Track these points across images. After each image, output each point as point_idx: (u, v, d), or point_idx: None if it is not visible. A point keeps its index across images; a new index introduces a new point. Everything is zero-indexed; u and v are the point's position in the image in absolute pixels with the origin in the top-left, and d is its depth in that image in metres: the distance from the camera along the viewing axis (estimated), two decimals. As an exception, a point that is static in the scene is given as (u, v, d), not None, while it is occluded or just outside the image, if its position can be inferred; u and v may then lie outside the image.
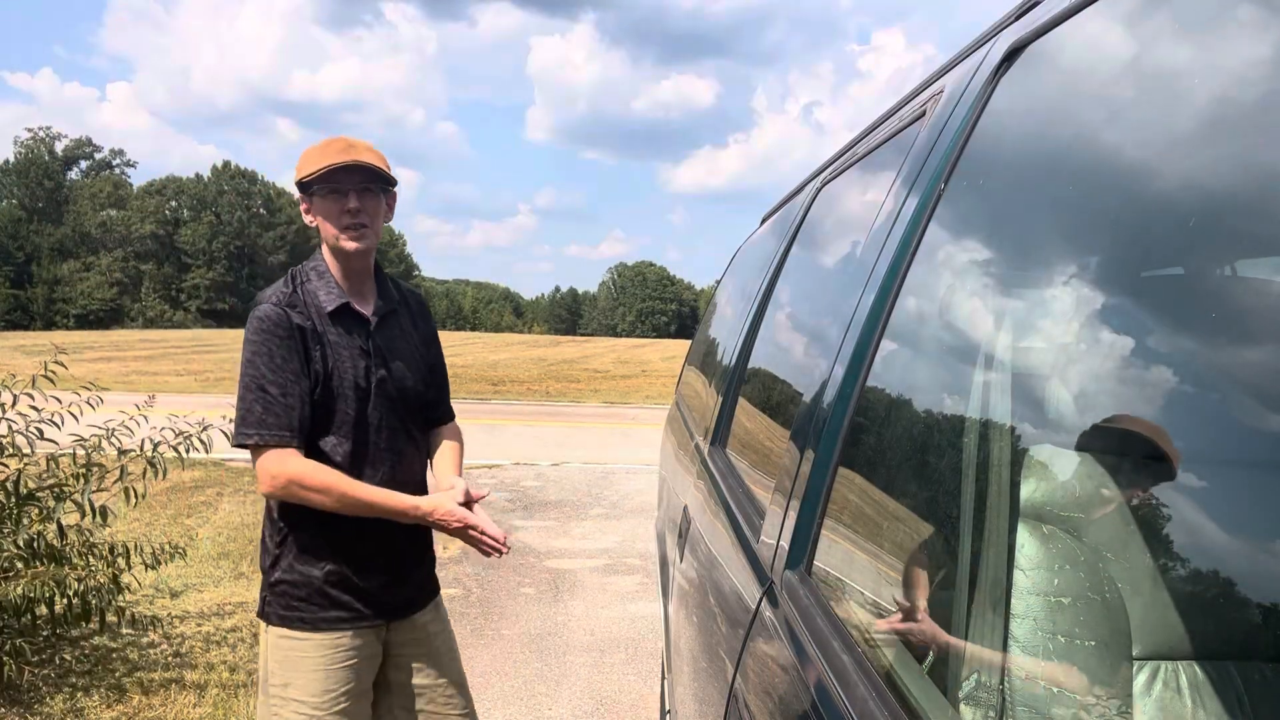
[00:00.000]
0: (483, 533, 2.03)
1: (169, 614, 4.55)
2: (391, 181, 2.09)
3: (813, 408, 1.35)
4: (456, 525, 2.01)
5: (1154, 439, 0.71)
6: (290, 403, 1.95)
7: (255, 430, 1.94)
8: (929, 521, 1.01)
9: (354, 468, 2.03)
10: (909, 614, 0.92)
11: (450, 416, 2.35)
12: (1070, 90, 0.98)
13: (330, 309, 2.03)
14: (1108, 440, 0.77)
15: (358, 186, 2.01)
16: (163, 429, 3.89)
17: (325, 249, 2.09)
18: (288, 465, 1.94)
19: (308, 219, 2.10)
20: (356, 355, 2.04)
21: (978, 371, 0.99)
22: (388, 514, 2.00)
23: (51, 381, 3.67)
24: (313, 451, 2.01)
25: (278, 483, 1.95)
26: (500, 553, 2.06)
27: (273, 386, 1.94)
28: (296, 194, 2.10)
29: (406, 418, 2.13)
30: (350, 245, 2.02)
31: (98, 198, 74.90)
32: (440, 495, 2.07)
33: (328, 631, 2.02)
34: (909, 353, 1.18)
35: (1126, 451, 0.74)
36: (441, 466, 2.22)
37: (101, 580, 3.65)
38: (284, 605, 2.04)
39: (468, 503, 2.07)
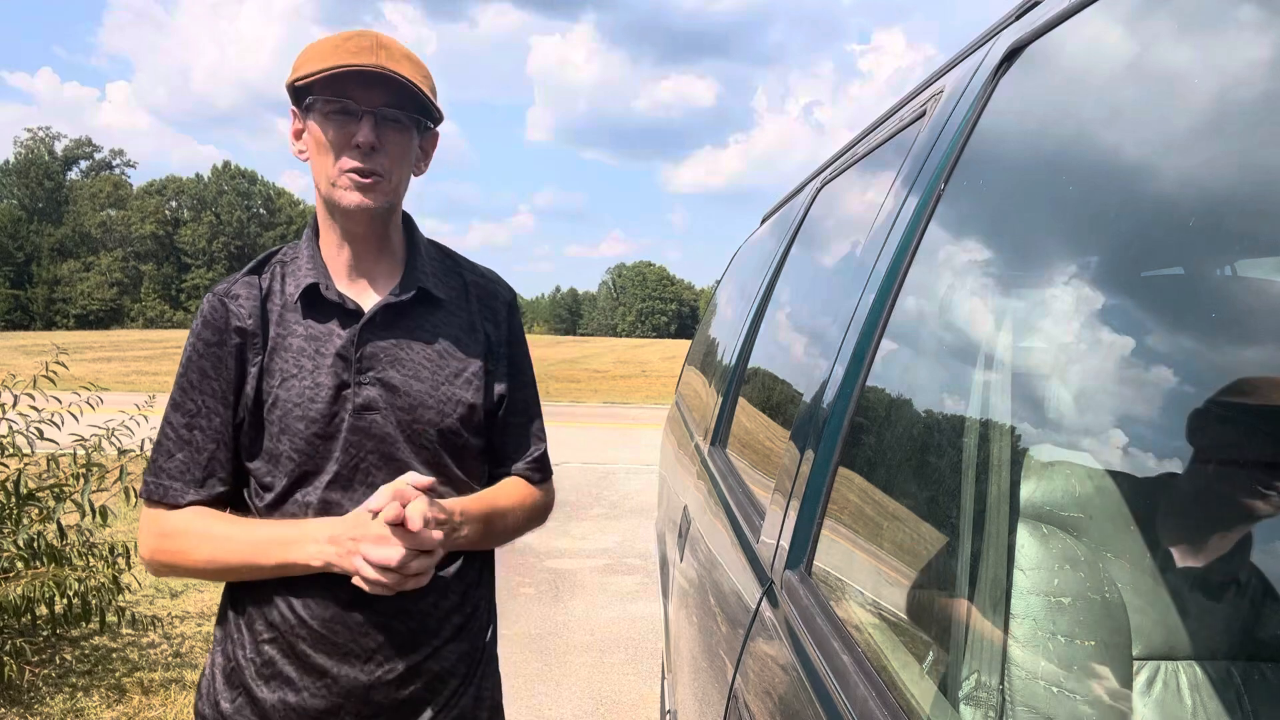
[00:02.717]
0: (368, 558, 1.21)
1: (169, 614, 4.55)
2: (430, 113, 1.34)
3: (813, 408, 1.35)
4: (353, 556, 1.23)
5: None
6: (196, 442, 1.34)
7: (146, 476, 1.36)
8: (929, 521, 1.00)
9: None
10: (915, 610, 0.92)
11: (529, 474, 1.52)
12: (1070, 90, 0.98)
13: (297, 294, 1.34)
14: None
15: (376, 109, 1.28)
16: (163, 429, 3.89)
17: (319, 200, 1.37)
18: (155, 527, 1.34)
19: (295, 148, 1.37)
20: (326, 367, 1.33)
21: (978, 371, 0.99)
22: (286, 569, 1.29)
23: (52, 382, 3.68)
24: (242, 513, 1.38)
25: (145, 555, 1.36)
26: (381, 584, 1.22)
27: (177, 415, 1.35)
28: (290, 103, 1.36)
29: (418, 470, 1.35)
30: (350, 200, 1.29)
31: (98, 198, 75.07)
32: (350, 517, 1.27)
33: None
34: (909, 353, 1.18)
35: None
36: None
37: (101, 580, 3.65)
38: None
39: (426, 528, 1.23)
